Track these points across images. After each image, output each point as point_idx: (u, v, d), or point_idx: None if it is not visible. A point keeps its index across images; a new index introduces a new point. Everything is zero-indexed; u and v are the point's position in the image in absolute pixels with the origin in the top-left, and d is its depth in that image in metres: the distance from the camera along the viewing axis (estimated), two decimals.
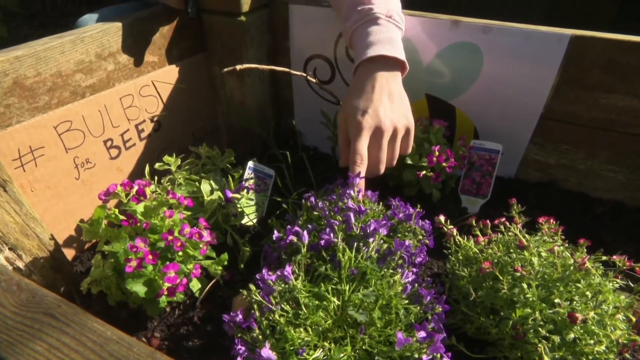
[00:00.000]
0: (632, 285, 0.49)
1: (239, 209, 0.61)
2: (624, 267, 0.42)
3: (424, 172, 0.60)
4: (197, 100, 0.75)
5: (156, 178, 0.64)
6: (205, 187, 0.58)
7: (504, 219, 0.51)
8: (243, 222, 0.64)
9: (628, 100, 0.61)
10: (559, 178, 0.73)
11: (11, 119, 0.51)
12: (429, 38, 0.66)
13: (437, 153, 0.60)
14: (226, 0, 0.66)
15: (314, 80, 0.61)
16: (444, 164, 0.59)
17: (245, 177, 0.67)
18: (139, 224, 0.46)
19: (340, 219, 0.47)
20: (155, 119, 0.70)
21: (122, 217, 0.48)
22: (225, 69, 0.53)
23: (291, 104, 0.83)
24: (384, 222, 0.45)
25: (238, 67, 0.53)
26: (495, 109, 0.68)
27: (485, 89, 0.67)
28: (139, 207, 0.47)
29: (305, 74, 0.60)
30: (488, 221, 0.50)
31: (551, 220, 0.49)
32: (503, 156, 0.69)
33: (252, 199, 0.66)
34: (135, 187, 0.49)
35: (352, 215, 0.46)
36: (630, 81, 0.60)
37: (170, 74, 0.70)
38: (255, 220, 0.66)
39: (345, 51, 0.72)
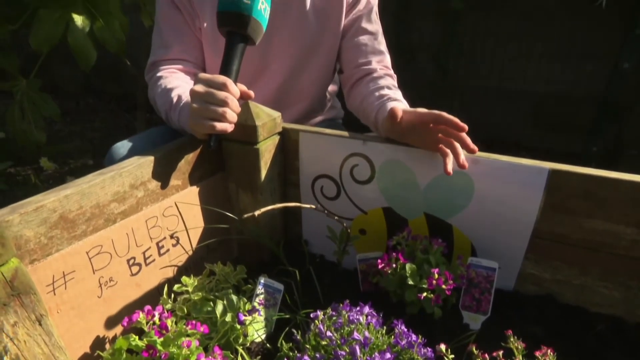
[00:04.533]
0: None
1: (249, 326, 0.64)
2: None
3: (424, 294, 0.64)
4: (214, 216, 0.81)
5: (172, 295, 0.68)
6: (219, 308, 0.62)
7: (502, 351, 0.53)
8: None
9: (608, 226, 0.67)
10: (555, 292, 0.76)
11: (52, 249, 0.57)
12: (425, 166, 0.74)
13: (436, 276, 0.64)
14: (245, 133, 0.76)
15: (322, 210, 0.68)
16: (444, 287, 0.63)
17: (256, 293, 0.71)
18: (158, 354, 0.50)
19: (347, 349, 0.50)
20: (174, 235, 0.76)
21: (142, 345, 0.51)
22: (245, 215, 0.60)
23: (299, 216, 0.90)
24: (388, 355, 0.48)
25: (256, 212, 0.61)
26: (489, 228, 0.74)
27: (478, 210, 0.73)
28: (160, 339, 0.50)
29: (314, 206, 0.67)
30: (487, 355, 0.52)
31: (549, 352, 0.52)
32: (501, 270, 0.73)
33: (261, 315, 0.69)
34: (157, 317, 0.53)
35: (357, 348, 0.49)
36: (607, 209, 0.66)
37: (191, 194, 0.77)
38: (263, 337, 0.68)
39: (349, 172, 0.80)
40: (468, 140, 0.67)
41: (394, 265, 0.67)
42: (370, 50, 0.92)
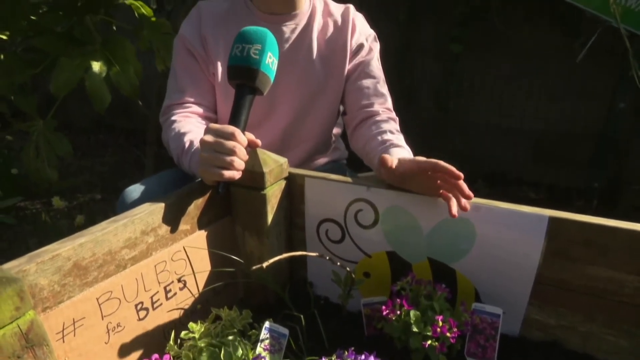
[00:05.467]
0: None
1: None
2: None
3: (429, 341, 0.64)
4: (220, 259, 0.83)
5: (179, 341, 0.69)
6: (224, 355, 0.62)
7: None
8: None
9: (610, 273, 0.67)
10: (561, 338, 0.75)
11: (64, 296, 0.59)
12: (428, 211, 0.76)
13: (440, 323, 0.64)
14: (253, 179, 0.79)
15: (327, 258, 0.69)
16: (448, 334, 0.63)
17: (261, 338, 0.71)
18: None
19: None
20: (182, 279, 0.77)
21: None
22: (254, 267, 0.62)
23: (304, 258, 0.91)
24: None
25: (264, 264, 0.62)
26: (492, 273, 0.75)
27: (481, 255, 0.74)
28: None
29: (320, 255, 0.69)
30: None
31: None
32: (506, 315, 0.74)
33: None
34: None
35: None
36: (609, 256, 0.67)
37: (199, 238, 0.79)
38: None
39: (353, 216, 0.82)
40: (464, 187, 0.69)
41: (398, 312, 0.67)
42: (373, 93, 0.97)
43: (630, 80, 1.70)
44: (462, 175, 0.67)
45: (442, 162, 0.69)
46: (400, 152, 0.84)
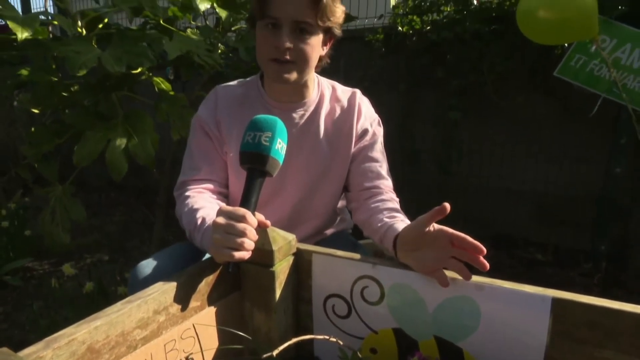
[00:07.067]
0: None
1: None
2: None
3: None
4: (228, 334, 0.83)
5: None
6: None
7: None
8: None
9: (621, 357, 0.67)
10: None
11: None
12: (433, 289, 0.77)
13: None
14: (262, 257, 0.82)
15: (334, 340, 0.70)
16: None
17: None
18: None
19: None
20: (189, 357, 0.77)
21: None
22: (264, 355, 0.63)
23: (311, 332, 0.91)
24: None
25: (275, 352, 0.64)
26: (500, 353, 0.74)
27: (487, 334, 0.74)
28: None
29: (327, 337, 0.70)
30: None
31: None
32: None
33: None
34: None
35: None
36: (617, 340, 0.67)
37: (208, 315, 0.81)
38: None
39: (359, 292, 0.83)
40: (483, 261, 0.71)
41: None
42: (376, 177, 1.02)
43: (622, 147, 1.77)
44: (485, 250, 0.70)
45: (469, 238, 0.72)
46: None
